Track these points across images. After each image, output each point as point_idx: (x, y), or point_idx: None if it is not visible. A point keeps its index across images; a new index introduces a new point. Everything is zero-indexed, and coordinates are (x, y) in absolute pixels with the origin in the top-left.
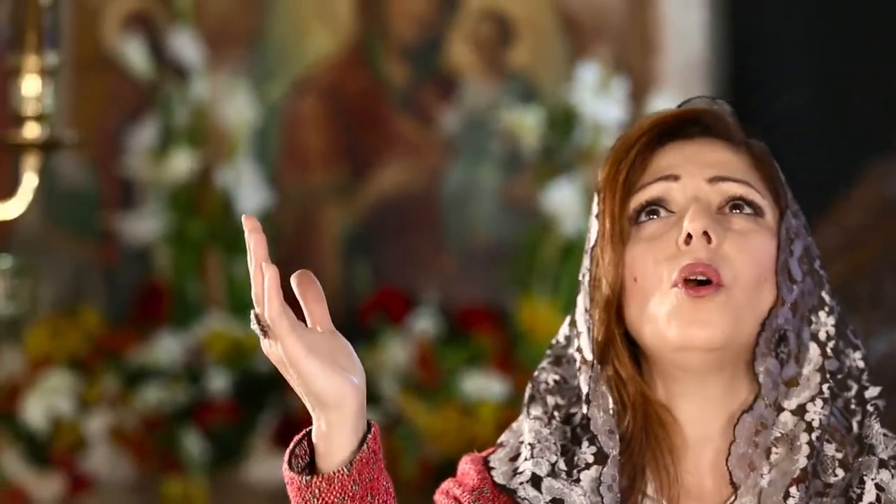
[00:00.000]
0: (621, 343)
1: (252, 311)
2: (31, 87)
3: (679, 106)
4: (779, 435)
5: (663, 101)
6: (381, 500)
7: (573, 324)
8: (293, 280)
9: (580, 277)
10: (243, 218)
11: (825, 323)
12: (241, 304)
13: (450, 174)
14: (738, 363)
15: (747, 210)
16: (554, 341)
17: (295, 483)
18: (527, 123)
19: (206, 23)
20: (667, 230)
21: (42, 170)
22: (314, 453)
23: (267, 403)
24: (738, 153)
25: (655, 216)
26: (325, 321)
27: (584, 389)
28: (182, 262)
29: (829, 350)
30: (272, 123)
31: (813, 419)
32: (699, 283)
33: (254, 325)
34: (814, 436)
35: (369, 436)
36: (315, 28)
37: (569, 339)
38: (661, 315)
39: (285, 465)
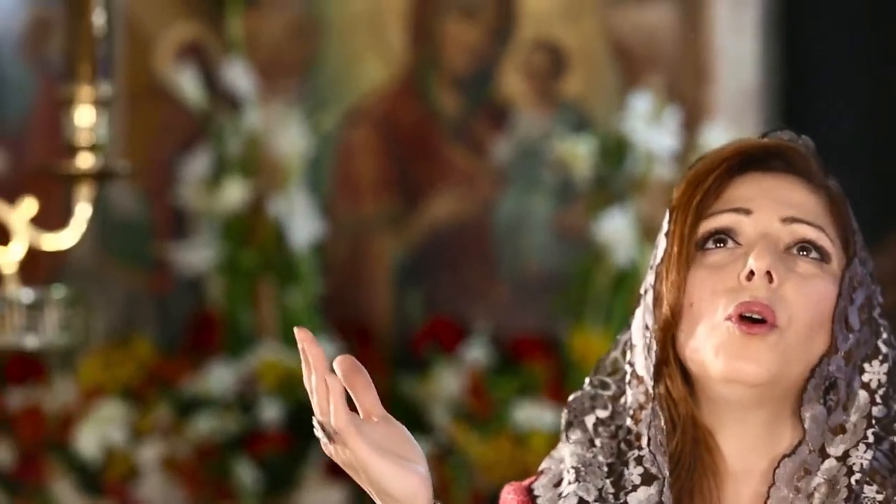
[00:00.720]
0: (675, 363)
1: (315, 420)
2: (84, 117)
3: (763, 136)
4: (822, 481)
5: (716, 131)
6: None
7: (625, 336)
8: (336, 366)
9: (641, 292)
10: (296, 330)
11: (878, 371)
12: (293, 333)
13: (502, 203)
14: (782, 404)
15: (814, 255)
16: (606, 356)
17: None
18: (579, 153)
19: (259, 52)
20: (731, 261)
21: (95, 200)
22: None
23: None
24: (816, 194)
25: (722, 245)
26: (378, 408)
27: (632, 403)
28: (235, 291)
29: (878, 397)
30: (325, 153)
31: (854, 463)
32: (753, 320)
33: (318, 433)
34: (853, 479)
35: None
36: (368, 58)
37: (617, 357)
38: (710, 346)
39: None
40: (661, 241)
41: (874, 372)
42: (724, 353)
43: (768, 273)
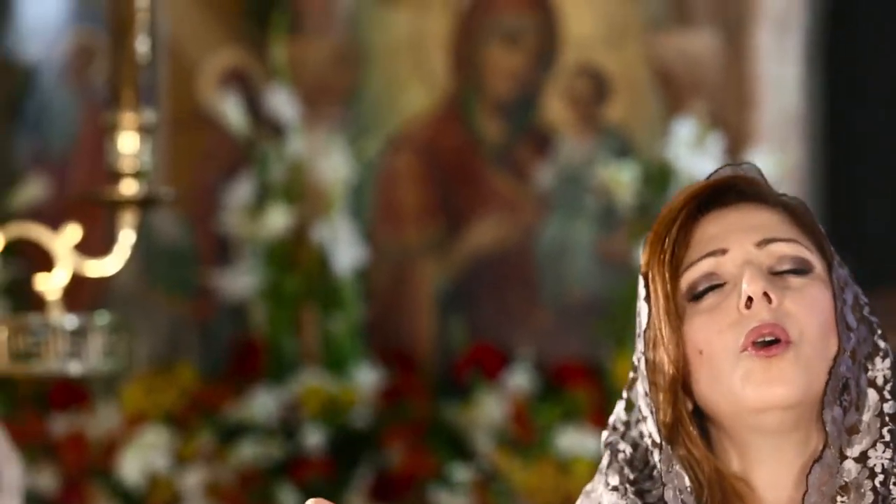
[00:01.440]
0: (689, 421)
1: None
2: (128, 143)
3: (708, 177)
4: (843, 483)
5: (759, 156)
6: None
7: (631, 408)
8: None
9: (635, 362)
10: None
11: (881, 368)
12: (336, 359)
13: (545, 230)
14: (811, 417)
15: (798, 267)
16: (612, 423)
17: None
18: (622, 179)
19: (303, 79)
20: (724, 299)
21: (139, 226)
22: None
23: (362, 459)
24: (776, 211)
25: (710, 290)
26: None
27: (657, 468)
28: (278, 317)
29: (886, 393)
30: (368, 180)
31: (875, 465)
32: (768, 343)
33: None
34: (877, 481)
35: None
36: (411, 84)
37: (627, 423)
38: (735, 381)
39: None
40: (643, 308)
41: (878, 369)
42: (751, 382)
43: (766, 295)
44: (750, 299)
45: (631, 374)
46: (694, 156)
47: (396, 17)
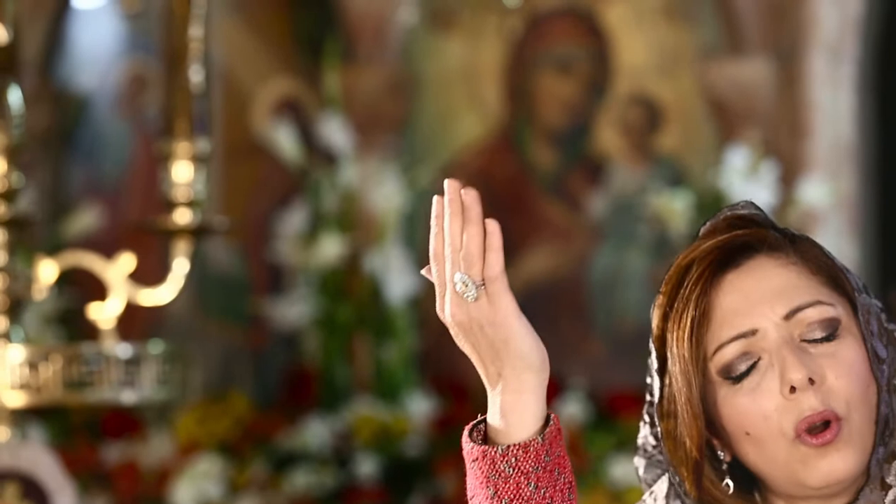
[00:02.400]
0: (715, 487)
1: (459, 273)
2: (182, 173)
3: (710, 223)
4: None
5: (812, 184)
6: (566, 480)
7: (651, 477)
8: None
9: (647, 409)
10: (446, 183)
11: None
12: (389, 388)
13: (597, 259)
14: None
15: (828, 330)
16: (641, 445)
17: (488, 455)
18: (675, 207)
19: (356, 108)
20: (761, 378)
21: (192, 255)
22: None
23: (415, 488)
24: (792, 266)
25: (745, 369)
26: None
27: None
28: (330, 346)
29: None
30: (420, 208)
31: None
32: (819, 428)
33: (464, 286)
34: None
35: (553, 415)
36: (463, 113)
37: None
38: (794, 465)
39: (469, 443)
40: (656, 380)
41: None
42: (810, 467)
43: (809, 379)
44: (794, 387)
45: (647, 397)
46: (747, 184)
47: (449, 46)
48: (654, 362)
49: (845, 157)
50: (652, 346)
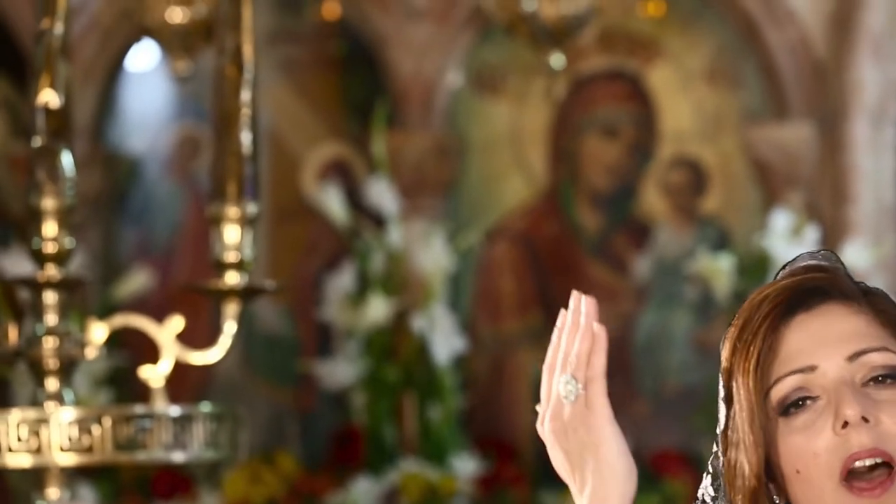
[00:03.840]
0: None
1: (566, 374)
2: (231, 235)
3: (791, 270)
4: None
5: (854, 248)
6: None
7: (717, 478)
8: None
9: (712, 461)
10: (572, 295)
11: None
12: (435, 448)
13: (642, 319)
14: None
15: (890, 377)
16: (700, 496)
17: None
18: (719, 269)
19: (402, 171)
20: (817, 417)
21: (241, 316)
22: None
23: None
24: (861, 314)
25: (802, 404)
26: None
27: None
28: (378, 406)
29: None
30: (466, 270)
31: None
32: (869, 468)
33: (568, 386)
34: None
35: None
36: (509, 176)
37: (714, 498)
38: None
39: None
40: (722, 408)
41: None
42: None
43: (863, 417)
44: (846, 422)
45: (714, 448)
46: (791, 246)
47: (495, 110)
48: (721, 390)
49: (889, 222)
50: (720, 376)
